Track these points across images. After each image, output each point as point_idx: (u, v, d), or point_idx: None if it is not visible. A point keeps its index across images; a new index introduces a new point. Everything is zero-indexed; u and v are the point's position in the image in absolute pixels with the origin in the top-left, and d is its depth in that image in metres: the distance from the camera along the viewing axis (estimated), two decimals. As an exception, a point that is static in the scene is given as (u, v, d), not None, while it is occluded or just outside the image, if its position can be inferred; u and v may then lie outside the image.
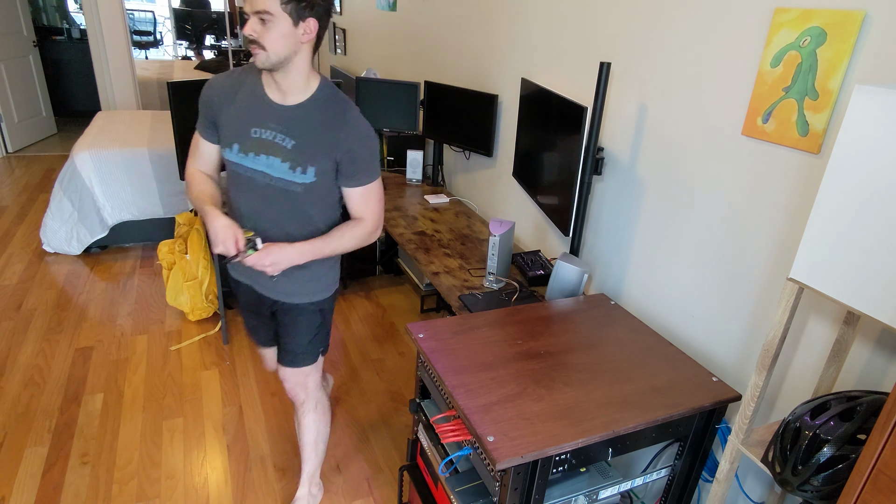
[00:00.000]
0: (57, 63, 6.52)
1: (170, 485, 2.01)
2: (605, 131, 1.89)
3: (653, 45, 1.65)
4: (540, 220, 2.33)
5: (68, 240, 3.54)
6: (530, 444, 1.15)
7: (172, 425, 2.28)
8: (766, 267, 1.40)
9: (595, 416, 1.24)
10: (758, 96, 1.35)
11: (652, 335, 1.58)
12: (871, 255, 0.91)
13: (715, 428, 1.41)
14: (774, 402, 1.42)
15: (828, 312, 1.28)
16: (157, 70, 6.89)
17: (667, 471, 1.50)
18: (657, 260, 1.73)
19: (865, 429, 0.97)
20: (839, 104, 1.19)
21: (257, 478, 2.06)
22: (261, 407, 2.41)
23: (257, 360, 2.72)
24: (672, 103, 1.61)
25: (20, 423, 2.22)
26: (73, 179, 3.48)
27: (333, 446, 2.22)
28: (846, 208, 0.94)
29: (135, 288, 3.29)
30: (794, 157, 1.29)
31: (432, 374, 1.44)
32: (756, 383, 1.16)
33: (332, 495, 2.01)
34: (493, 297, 1.88)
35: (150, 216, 3.68)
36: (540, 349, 1.47)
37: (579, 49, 1.97)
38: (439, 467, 1.47)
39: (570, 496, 1.36)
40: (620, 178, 1.84)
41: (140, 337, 2.83)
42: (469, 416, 1.21)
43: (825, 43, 1.19)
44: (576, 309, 1.70)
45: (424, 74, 3.30)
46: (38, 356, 2.62)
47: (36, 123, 5.83)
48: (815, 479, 1.00)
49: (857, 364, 1.23)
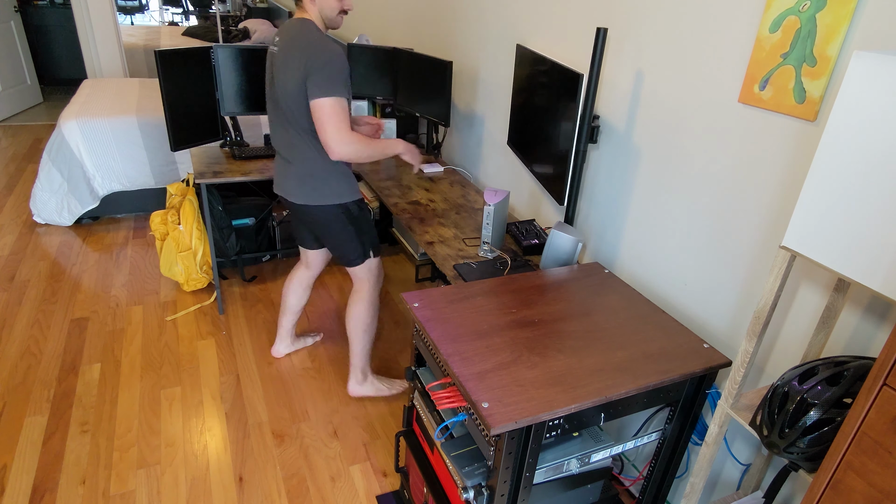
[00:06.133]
0: (40, 30, 6.34)
1: (170, 452, 2.04)
2: (601, 99, 1.87)
3: (650, 11, 1.62)
4: (535, 189, 2.33)
5: (59, 210, 3.51)
6: (524, 409, 1.17)
7: (170, 394, 2.30)
8: (759, 235, 1.40)
9: (588, 382, 1.26)
10: (755, 63, 1.33)
11: (645, 303, 1.60)
12: (864, 223, 0.92)
13: (705, 393, 1.44)
14: (764, 367, 1.45)
15: (818, 280, 1.29)
16: (144, 36, 6.71)
17: (657, 434, 1.53)
18: (651, 228, 1.73)
19: (852, 393, 0.99)
20: (837, 71, 1.18)
21: (256, 444, 2.10)
22: (258, 375, 2.43)
23: (253, 329, 2.73)
24: (669, 70, 1.59)
25: (18, 393, 2.24)
26: (62, 149, 3.43)
27: (331, 412, 2.25)
28: (840, 176, 0.94)
29: (128, 259, 3.28)
30: (790, 125, 1.29)
31: (428, 343, 1.45)
32: (746, 350, 1.18)
33: (330, 461, 2.05)
34: (487, 266, 1.89)
35: (142, 186, 3.65)
36: (534, 317, 1.48)
37: (574, 15, 1.94)
38: (435, 433, 1.49)
39: (563, 460, 1.39)
40: (616, 146, 1.83)
41: (135, 307, 2.83)
42: (464, 383, 1.23)
43: (825, 8, 1.18)
44: (570, 277, 1.71)
45: (417, 41, 3.23)
46: (33, 327, 2.63)
47: (21, 92, 5.71)
48: (801, 442, 1.02)
49: (846, 330, 1.25)
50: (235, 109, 2.73)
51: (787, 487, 1.41)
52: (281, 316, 2.48)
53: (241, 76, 2.67)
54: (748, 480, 1.48)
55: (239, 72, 2.66)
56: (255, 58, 2.67)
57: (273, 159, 2.78)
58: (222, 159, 2.73)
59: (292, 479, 1.97)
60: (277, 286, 3.11)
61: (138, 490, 1.89)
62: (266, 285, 3.12)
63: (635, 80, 1.71)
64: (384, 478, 2.01)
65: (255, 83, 2.72)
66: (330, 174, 1.96)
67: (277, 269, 3.30)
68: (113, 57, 5.49)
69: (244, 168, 2.63)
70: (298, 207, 2.01)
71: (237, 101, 2.71)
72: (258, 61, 2.68)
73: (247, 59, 2.66)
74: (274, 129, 1.98)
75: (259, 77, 2.71)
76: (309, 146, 1.91)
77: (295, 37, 1.80)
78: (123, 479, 1.92)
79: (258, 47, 2.67)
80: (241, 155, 2.75)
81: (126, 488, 1.89)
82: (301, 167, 1.95)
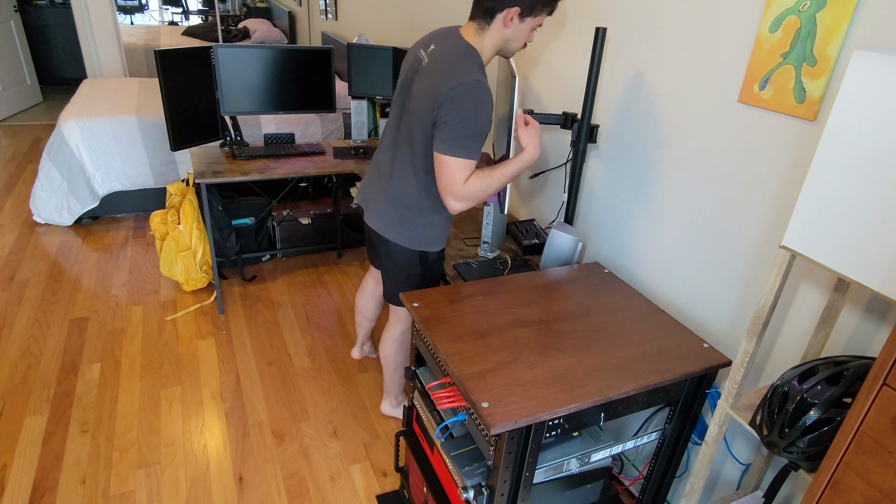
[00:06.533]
0: (39, 29, 6.34)
1: (170, 451, 2.04)
2: (601, 98, 1.87)
3: (650, 10, 1.62)
4: (535, 188, 2.32)
5: (59, 210, 3.51)
6: (524, 409, 1.17)
7: (170, 394, 2.30)
8: (759, 235, 1.40)
9: (588, 382, 1.26)
10: (755, 62, 1.33)
11: (645, 302, 1.60)
12: (864, 223, 0.92)
13: (705, 393, 1.44)
14: (763, 367, 1.45)
15: (818, 280, 1.29)
16: (144, 36, 6.71)
17: (657, 434, 1.53)
18: (651, 228, 1.73)
19: (851, 392, 0.99)
20: (837, 71, 1.18)
21: (256, 444, 2.10)
22: (258, 375, 2.43)
23: (253, 329, 2.73)
24: (669, 70, 1.59)
25: (18, 393, 2.24)
26: (62, 149, 3.43)
27: (331, 412, 2.25)
28: (840, 176, 0.94)
29: (128, 258, 3.28)
30: (790, 125, 1.29)
31: (427, 342, 1.45)
32: (746, 349, 1.18)
33: (330, 460, 2.05)
34: (487, 265, 1.89)
35: (141, 186, 3.64)
36: (534, 317, 1.48)
37: (574, 14, 1.94)
38: (435, 433, 1.49)
39: (563, 459, 1.39)
40: (616, 146, 1.83)
41: (135, 307, 2.83)
42: (464, 382, 1.23)
43: (825, 7, 1.17)
44: (569, 277, 1.71)
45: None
46: (33, 326, 2.63)
47: (20, 92, 5.71)
48: (801, 441, 1.02)
49: (846, 330, 1.25)
50: (235, 109, 2.73)
51: (787, 487, 1.41)
52: (357, 326, 2.44)
53: (241, 76, 2.67)
54: (748, 480, 1.48)
55: (239, 71, 2.66)
56: (255, 58, 2.67)
57: (273, 159, 2.77)
58: (222, 159, 2.73)
59: (292, 479, 1.97)
60: (277, 286, 3.12)
61: (138, 490, 1.89)
62: (266, 285, 3.12)
63: (635, 79, 1.71)
64: (384, 477, 2.01)
65: (255, 83, 2.72)
66: (428, 218, 1.72)
67: (277, 269, 3.30)
68: (113, 57, 5.49)
69: (244, 168, 2.63)
70: (378, 234, 1.79)
71: (237, 100, 2.71)
72: (258, 61, 2.68)
73: (247, 59, 2.65)
74: (386, 136, 1.76)
75: (259, 76, 2.71)
76: (417, 180, 1.66)
77: (450, 65, 1.50)
78: (123, 479, 1.92)
79: (258, 47, 2.67)
80: (241, 155, 2.75)
81: (126, 488, 1.89)
82: (398, 196, 1.71)
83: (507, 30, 1.53)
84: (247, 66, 2.67)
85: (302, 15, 6.20)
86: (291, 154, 2.84)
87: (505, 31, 1.54)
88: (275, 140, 2.93)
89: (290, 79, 2.79)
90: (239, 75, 2.66)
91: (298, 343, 2.66)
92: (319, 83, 2.87)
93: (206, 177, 2.49)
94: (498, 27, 1.53)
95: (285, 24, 6.67)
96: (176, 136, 2.59)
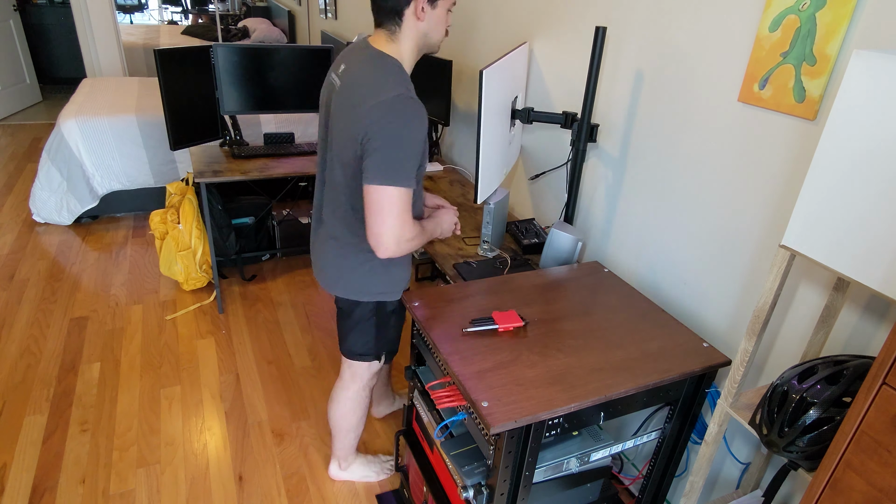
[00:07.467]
0: (39, 28, 6.33)
1: (169, 451, 2.04)
2: (601, 98, 1.87)
3: (650, 10, 1.62)
4: (535, 188, 2.33)
5: (58, 210, 3.51)
6: (524, 409, 1.17)
7: (170, 393, 2.30)
8: (758, 234, 1.40)
9: (588, 381, 1.26)
10: (755, 62, 1.33)
11: (644, 302, 1.60)
12: (863, 222, 0.92)
13: (705, 392, 1.44)
14: (763, 366, 1.45)
15: (818, 279, 1.29)
16: (143, 35, 6.71)
17: (657, 433, 1.53)
18: (651, 227, 1.73)
19: (851, 392, 1.00)
20: (836, 70, 1.18)
21: (255, 443, 2.10)
22: (257, 374, 2.43)
23: (253, 328, 2.73)
24: (669, 69, 1.59)
25: (18, 392, 2.24)
26: (61, 148, 3.43)
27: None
28: (840, 175, 0.94)
29: (128, 258, 3.27)
30: (790, 124, 1.29)
31: (427, 342, 1.45)
32: (746, 349, 1.18)
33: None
34: (487, 265, 1.89)
35: (141, 185, 3.64)
36: (534, 316, 1.48)
37: (574, 13, 1.93)
38: (435, 432, 1.50)
39: (563, 458, 1.39)
40: (615, 145, 1.83)
41: (135, 307, 2.83)
42: (464, 382, 1.23)
43: (825, 7, 1.17)
44: (569, 276, 1.71)
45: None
46: (32, 326, 2.63)
47: (20, 91, 5.70)
48: (801, 441, 1.02)
49: (845, 329, 1.25)
50: (235, 108, 2.73)
51: (787, 486, 1.41)
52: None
53: (241, 75, 2.67)
54: (747, 479, 1.48)
55: (238, 71, 2.66)
56: (254, 57, 2.66)
57: (273, 158, 2.77)
58: (222, 158, 2.73)
59: (292, 478, 1.97)
60: (277, 285, 3.11)
61: (138, 489, 1.89)
62: (266, 284, 3.12)
63: (635, 79, 1.71)
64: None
65: (255, 82, 2.72)
66: (374, 262, 1.52)
67: (277, 269, 3.30)
68: (112, 56, 5.49)
69: (244, 167, 2.63)
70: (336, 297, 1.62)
71: (237, 100, 2.71)
72: (258, 60, 2.68)
73: (246, 58, 2.65)
74: (317, 178, 1.58)
75: (259, 75, 2.71)
76: (357, 218, 1.46)
77: (367, 82, 1.32)
78: (123, 479, 1.92)
79: (258, 46, 2.67)
80: (240, 154, 2.75)
81: (126, 487, 1.89)
82: (334, 244, 1.52)
83: (422, 23, 1.35)
84: (246, 66, 2.67)
85: (301, 14, 6.20)
86: (291, 153, 2.84)
87: (420, 26, 1.36)
88: (274, 139, 2.93)
89: (289, 78, 2.79)
90: (238, 74, 2.66)
91: (298, 342, 2.66)
92: (319, 82, 2.87)
93: (205, 176, 2.49)
94: (411, 25, 1.35)
95: (285, 24, 6.67)
96: (175, 135, 2.58)
